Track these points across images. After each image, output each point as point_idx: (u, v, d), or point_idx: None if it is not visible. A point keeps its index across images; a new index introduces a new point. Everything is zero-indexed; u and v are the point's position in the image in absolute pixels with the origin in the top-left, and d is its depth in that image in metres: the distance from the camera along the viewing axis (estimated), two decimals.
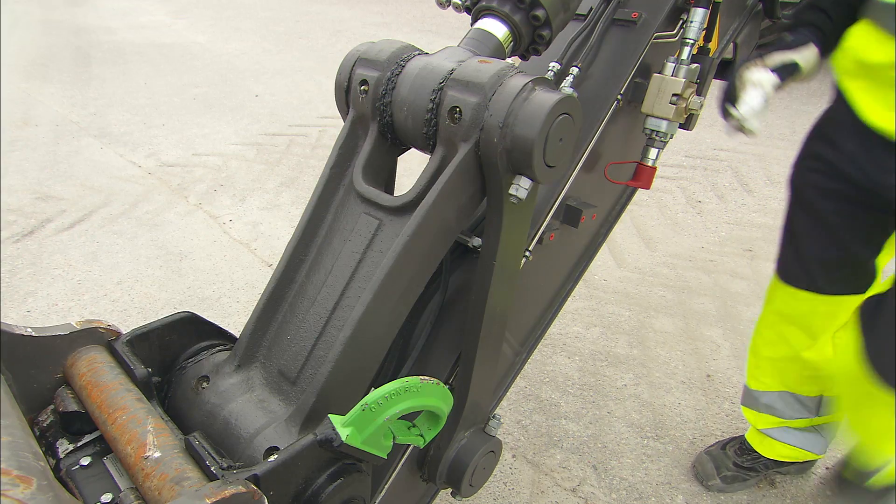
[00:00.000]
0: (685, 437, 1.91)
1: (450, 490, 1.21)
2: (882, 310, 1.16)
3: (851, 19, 1.22)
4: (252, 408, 0.86)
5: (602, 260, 2.86)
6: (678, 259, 2.93)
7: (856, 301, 1.33)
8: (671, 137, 1.16)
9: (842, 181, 1.27)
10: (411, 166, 1.61)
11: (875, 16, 1.12)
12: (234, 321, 2.28)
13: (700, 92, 1.15)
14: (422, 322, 1.08)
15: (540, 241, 1.16)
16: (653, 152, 1.19)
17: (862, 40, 1.15)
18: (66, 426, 0.83)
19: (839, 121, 1.27)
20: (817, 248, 1.34)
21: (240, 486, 0.64)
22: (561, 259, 1.30)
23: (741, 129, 1.21)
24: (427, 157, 0.93)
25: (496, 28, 1.01)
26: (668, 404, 2.01)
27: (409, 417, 0.83)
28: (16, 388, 0.81)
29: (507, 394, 1.47)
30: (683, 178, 3.76)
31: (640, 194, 1.64)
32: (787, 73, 1.20)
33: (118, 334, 0.92)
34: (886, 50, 1.08)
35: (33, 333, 0.83)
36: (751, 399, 1.64)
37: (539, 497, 1.68)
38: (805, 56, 1.22)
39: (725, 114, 1.23)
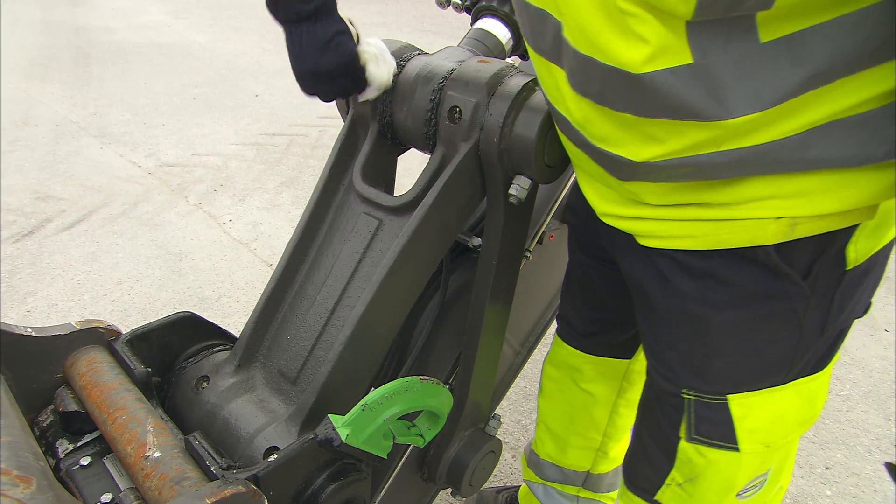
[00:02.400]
0: None
1: (450, 490, 1.21)
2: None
3: None
4: (252, 408, 0.86)
5: None
6: None
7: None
8: None
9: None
10: (411, 166, 1.61)
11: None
12: (234, 321, 2.28)
13: None
14: (422, 322, 1.08)
15: (540, 241, 1.16)
16: None
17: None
18: (66, 426, 0.83)
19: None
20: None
21: (240, 486, 0.64)
22: (561, 259, 1.30)
23: None
24: (427, 157, 0.93)
25: (496, 28, 1.01)
26: None
27: (409, 417, 0.84)
28: (16, 388, 0.81)
29: (507, 394, 1.47)
30: None
31: None
32: None
33: (118, 334, 0.92)
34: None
35: (33, 333, 0.83)
36: None
37: None
38: None
39: None
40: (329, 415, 0.75)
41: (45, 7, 7.40)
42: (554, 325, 1.39)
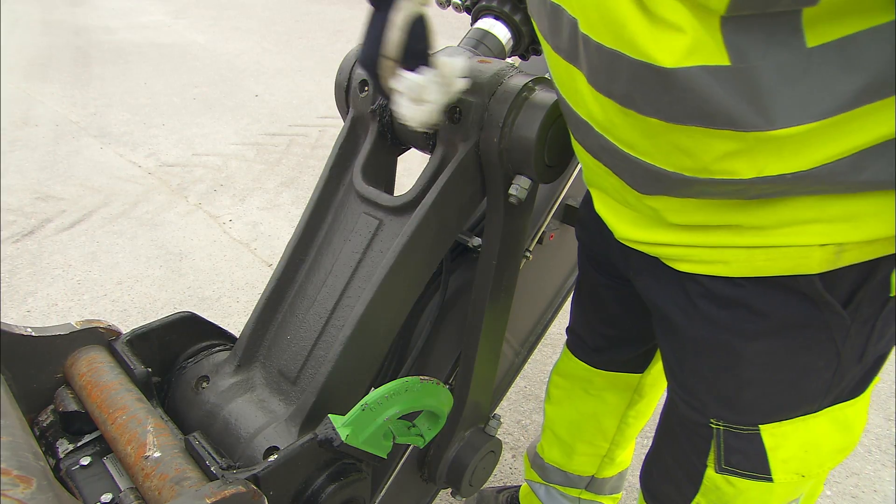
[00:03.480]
0: None
1: (450, 490, 1.21)
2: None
3: None
4: (252, 408, 0.86)
5: None
6: None
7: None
8: None
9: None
10: (411, 166, 1.61)
11: None
12: (234, 321, 2.28)
13: None
14: (422, 322, 1.08)
15: (540, 241, 1.16)
16: None
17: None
18: (66, 426, 0.83)
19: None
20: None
21: (240, 486, 0.64)
22: (561, 259, 1.30)
23: None
24: (427, 157, 0.93)
25: (496, 28, 1.01)
26: None
27: (409, 417, 0.84)
28: (16, 388, 0.81)
29: (507, 394, 1.47)
30: None
31: None
32: None
33: (118, 334, 0.92)
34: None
35: (33, 333, 0.83)
36: None
37: None
38: None
39: None
40: (329, 415, 0.75)
41: (45, 7, 7.40)
42: (554, 326, 1.39)
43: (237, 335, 0.96)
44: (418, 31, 0.76)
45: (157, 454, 0.71)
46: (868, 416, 1.94)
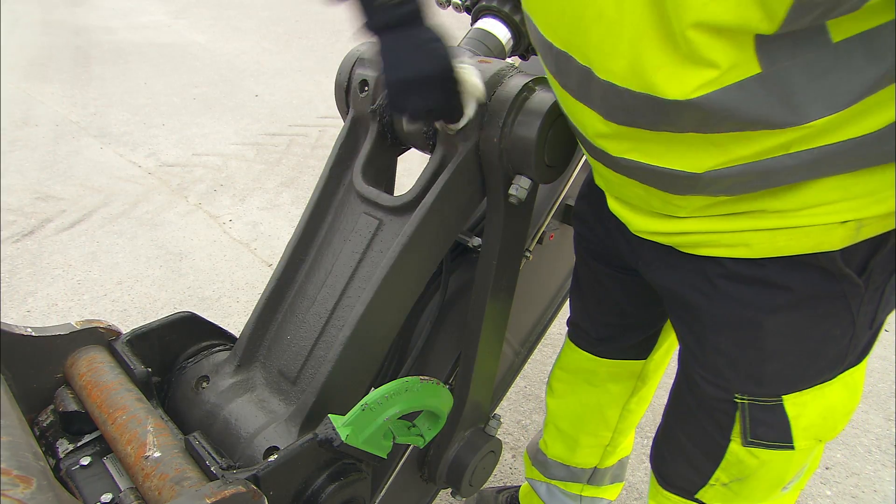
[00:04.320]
0: None
1: (450, 490, 1.21)
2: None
3: None
4: (252, 408, 0.86)
5: None
6: None
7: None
8: None
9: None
10: (411, 166, 1.61)
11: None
12: (234, 321, 2.28)
13: None
14: (422, 322, 1.08)
15: (540, 241, 1.16)
16: None
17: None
18: (66, 426, 0.83)
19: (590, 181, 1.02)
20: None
21: (240, 486, 0.64)
22: (561, 259, 1.30)
23: None
24: (427, 157, 0.93)
25: (496, 28, 1.01)
26: None
27: (409, 417, 0.84)
28: (16, 388, 0.81)
29: (507, 394, 1.47)
30: None
31: None
32: None
33: (118, 334, 0.92)
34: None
35: (33, 333, 0.83)
36: None
37: None
38: None
39: None
40: (329, 415, 0.75)
41: (45, 7, 7.40)
42: (554, 326, 1.39)
43: (237, 335, 0.96)
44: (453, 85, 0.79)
45: (157, 454, 0.71)
46: (868, 417, 1.94)
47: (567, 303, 1.29)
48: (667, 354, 1.19)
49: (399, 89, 0.76)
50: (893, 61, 0.49)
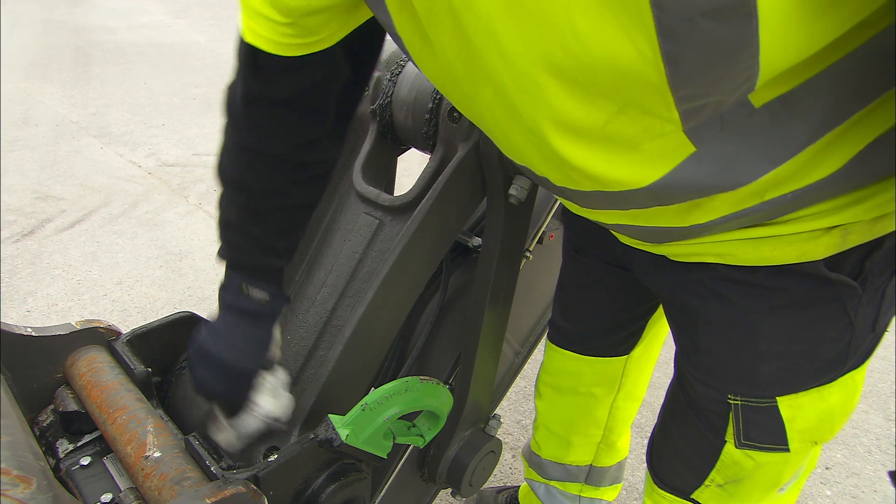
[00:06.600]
0: None
1: (450, 490, 1.21)
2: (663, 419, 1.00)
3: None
4: None
5: None
6: None
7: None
8: None
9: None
10: (411, 166, 1.61)
11: None
12: None
13: None
14: (422, 322, 1.08)
15: (540, 241, 1.16)
16: None
17: None
18: (66, 426, 0.83)
19: None
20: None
21: (240, 486, 0.64)
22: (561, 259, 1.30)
23: None
24: (427, 157, 0.93)
25: None
26: None
27: (409, 417, 0.84)
28: (16, 388, 0.81)
29: (507, 394, 1.47)
30: None
31: None
32: None
33: (118, 334, 0.92)
34: None
35: (33, 333, 0.83)
36: None
37: None
38: None
39: None
40: (329, 415, 0.75)
41: (45, 7, 7.40)
42: None
43: None
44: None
45: (157, 454, 0.71)
46: (868, 417, 1.94)
47: None
48: (647, 350, 1.19)
49: (200, 357, 0.82)
50: (823, 113, 0.49)
